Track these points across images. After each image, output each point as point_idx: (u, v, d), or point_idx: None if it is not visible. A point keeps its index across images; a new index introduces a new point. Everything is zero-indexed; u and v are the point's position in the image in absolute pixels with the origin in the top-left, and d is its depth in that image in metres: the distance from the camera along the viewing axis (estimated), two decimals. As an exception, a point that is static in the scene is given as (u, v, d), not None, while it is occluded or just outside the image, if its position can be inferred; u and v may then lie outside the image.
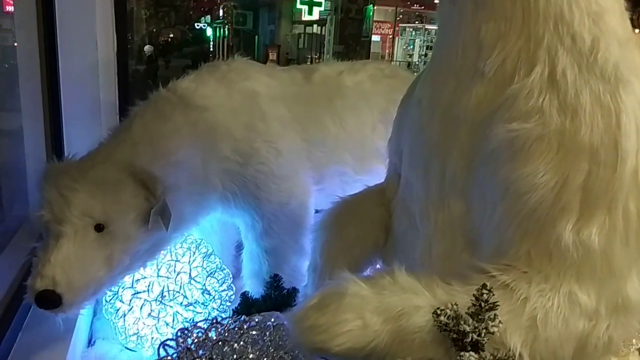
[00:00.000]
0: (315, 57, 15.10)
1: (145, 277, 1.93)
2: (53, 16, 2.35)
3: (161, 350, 1.30)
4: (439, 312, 0.95)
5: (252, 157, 1.99)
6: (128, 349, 1.99)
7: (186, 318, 1.91)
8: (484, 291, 0.95)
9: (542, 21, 1.04)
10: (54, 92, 2.40)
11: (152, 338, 1.92)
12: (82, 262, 1.51)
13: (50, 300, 1.46)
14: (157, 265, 1.94)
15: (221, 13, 21.95)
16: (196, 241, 2.05)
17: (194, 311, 1.93)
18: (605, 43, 1.03)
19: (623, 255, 1.02)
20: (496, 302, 0.95)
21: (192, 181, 1.86)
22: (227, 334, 1.23)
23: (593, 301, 1.01)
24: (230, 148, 1.96)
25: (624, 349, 1.31)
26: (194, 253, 2.01)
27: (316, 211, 2.16)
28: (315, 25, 16.10)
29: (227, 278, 2.06)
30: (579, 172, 0.99)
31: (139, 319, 1.92)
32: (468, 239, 1.18)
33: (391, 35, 16.01)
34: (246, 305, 1.84)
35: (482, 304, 0.95)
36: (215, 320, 1.31)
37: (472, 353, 0.92)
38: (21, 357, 1.63)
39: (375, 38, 14.71)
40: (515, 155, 1.03)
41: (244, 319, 1.30)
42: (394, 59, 15.51)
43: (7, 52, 2.55)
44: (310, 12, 15.01)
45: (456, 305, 0.96)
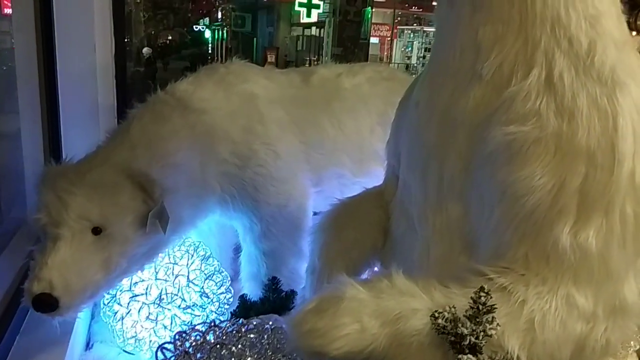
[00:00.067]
0: (314, 59, 15.11)
1: (143, 280, 1.93)
2: (51, 18, 2.35)
3: (159, 353, 1.30)
4: (436, 314, 0.95)
5: (250, 160, 1.99)
6: (126, 352, 1.99)
7: (184, 321, 1.91)
8: (482, 294, 0.94)
9: (539, 24, 1.04)
10: (52, 94, 2.40)
11: (150, 341, 1.92)
12: (79, 265, 1.51)
13: (47, 304, 1.46)
14: (155, 268, 1.94)
15: (219, 15, 21.99)
16: (194, 244, 2.05)
17: (192, 314, 1.93)
18: (602, 46, 1.03)
19: (620, 258, 1.02)
20: (494, 304, 0.95)
21: (190, 184, 1.86)
22: (225, 337, 1.23)
23: (590, 304, 1.01)
24: (229, 150, 1.96)
25: (621, 351, 1.31)
26: (192, 256, 2.01)
27: (314, 213, 2.16)
28: (313, 27, 16.12)
29: (225, 281, 2.06)
30: (576, 175, 0.99)
31: (137, 322, 1.92)
32: (466, 242, 1.18)
33: (389, 38, 16.02)
34: (244, 308, 1.84)
35: (480, 306, 0.95)
36: (213, 324, 1.31)
37: (470, 356, 0.92)
38: (19, 360, 1.63)
39: (373, 40, 14.71)
40: (513, 158, 1.03)
41: (242, 322, 1.30)
42: (392, 61, 15.52)
43: (5, 54, 2.55)
44: (309, 15, 15.02)
45: (454, 308, 0.95)
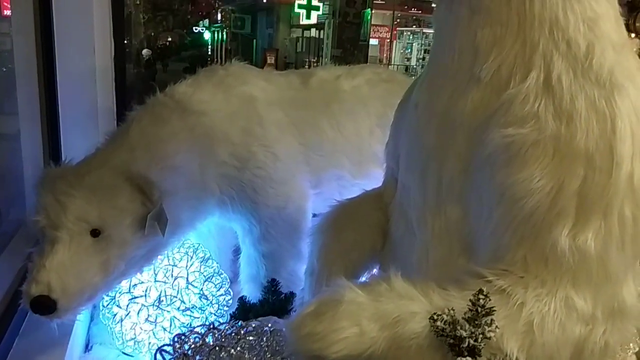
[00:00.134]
0: (313, 60, 15.12)
1: (142, 282, 1.93)
2: (51, 20, 2.35)
3: (158, 355, 1.30)
4: (435, 317, 0.95)
5: (249, 162, 1.99)
6: (125, 354, 1.99)
7: (183, 323, 1.91)
8: (481, 296, 0.94)
9: (538, 26, 1.04)
10: (52, 96, 2.40)
11: (149, 343, 1.91)
12: (77, 267, 1.51)
13: (45, 306, 1.46)
14: (155, 270, 1.94)
15: (219, 17, 22.02)
16: (194, 246, 2.05)
17: (191, 316, 1.93)
18: (600, 48, 1.03)
19: (619, 260, 1.02)
20: (493, 307, 0.95)
21: (190, 186, 1.86)
22: (224, 340, 1.23)
23: (589, 306, 1.01)
24: (228, 152, 1.96)
25: (620, 353, 1.31)
26: (192, 258, 2.01)
27: (314, 215, 2.16)
28: (313, 29, 16.14)
29: (224, 283, 2.06)
30: (574, 177, 0.99)
31: (136, 324, 1.92)
32: (465, 244, 1.18)
33: (389, 39, 16.04)
34: (244, 310, 1.84)
35: (479, 309, 0.95)
36: (212, 326, 1.31)
37: (469, 358, 0.92)
38: (18, 362, 1.63)
39: (373, 42, 14.73)
40: (511, 161, 1.03)
41: (241, 324, 1.30)
42: (392, 62, 15.53)
43: (4, 56, 2.55)
44: (308, 16, 15.04)
45: (453, 310, 0.95)
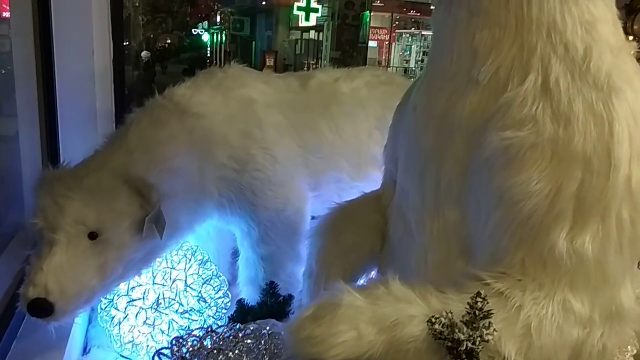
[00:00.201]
0: (312, 62, 15.14)
1: (140, 285, 1.93)
2: (49, 22, 2.35)
3: (156, 358, 1.29)
4: (433, 320, 0.95)
5: (248, 164, 1.99)
6: (123, 357, 1.99)
7: (182, 326, 1.91)
8: (479, 299, 0.94)
9: (535, 29, 1.04)
10: (50, 98, 2.40)
11: (147, 346, 1.91)
12: (74, 270, 1.51)
13: (42, 309, 1.46)
14: (153, 273, 1.94)
15: (218, 19, 22.05)
16: (192, 248, 2.05)
17: (189, 319, 1.93)
18: (598, 51, 1.03)
19: (617, 263, 1.02)
20: (490, 310, 0.94)
21: (188, 188, 1.86)
22: (222, 343, 1.23)
23: (587, 309, 1.01)
24: (227, 155, 1.97)
25: (618, 356, 1.30)
26: (190, 260, 2.01)
27: (312, 217, 2.16)
28: (312, 31, 16.16)
29: (223, 285, 2.05)
30: (572, 180, 0.99)
31: (134, 327, 1.91)
32: (463, 246, 1.18)
33: (388, 41, 16.06)
34: (242, 313, 1.83)
35: (477, 312, 0.94)
36: (210, 329, 1.31)
37: (467, 361, 0.92)
38: (15, 365, 1.63)
39: (372, 44, 14.75)
40: (509, 163, 1.03)
41: (239, 327, 1.30)
42: (391, 64, 15.56)
43: (3, 57, 2.54)
44: (307, 18, 15.08)
45: (451, 313, 0.95)
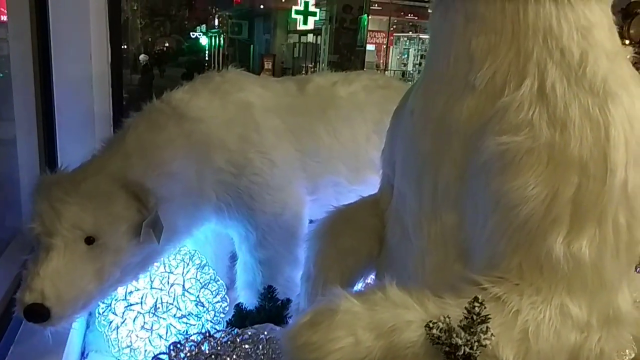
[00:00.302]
0: (310, 66, 15.16)
1: (138, 289, 1.93)
2: (47, 26, 2.35)
3: (153, 364, 1.29)
4: (431, 325, 0.95)
5: (246, 168, 1.99)
6: (121, 361, 1.98)
7: (180, 330, 1.90)
8: (476, 304, 0.94)
9: (532, 35, 1.05)
10: (48, 102, 2.40)
11: (145, 351, 1.90)
12: (71, 275, 1.51)
13: (39, 314, 1.46)
14: (151, 277, 1.94)
15: (216, 22, 22.08)
16: (190, 252, 2.05)
17: (187, 323, 1.92)
18: (594, 57, 1.04)
19: (614, 268, 1.02)
20: (488, 314, 0.95)
21: (186, 192, 1.86)
22: (219, 348, 1.22)
23: (584, 313, 1.01)
24: (224, 159, 1.97)
25: (617, 359, 1.31)
26: (188, 264, 2.01)
27: (310, 221, 2.16)
28: (310, 34, 16.19)
29: (221, 289, 2.05)
30: (568, 184, 1.00)
31: (132, 332, 1.91)
32: (461, 250, 1.18)
33: (385, 45, 16.09)
34: (240, 317, 1.83)
35: (474, 316, 0.95)
36: (208, 334, 1.31)
37: (465, 366, 0.92)
38: (13, 370, 1.63)
39: (369, 47, 14.79)
40: (506, 168, 1.03)
41: (237, 332, 1.30)
42: (389, 68, 15.58)
43: (1, 61, 2.54)
44: (305, 22, 15.09)
45: (448, 318, 0.95)
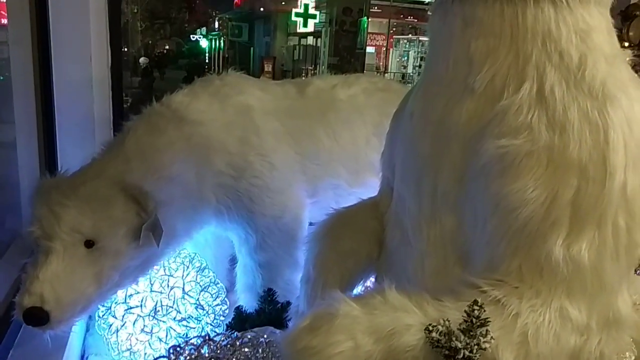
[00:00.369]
0: (310, 68, 15.18)
1: (138, 292, 1.93)
2: (47, 29, 2.36)
3: (153, 367, 1.29)
4: (430, 328, 0.95)
5: (245, 171, 1.99)
6: (121, 364, 1.98)
7: (179, 333, 1.90)
8: (475, 307, 0.94)
9: (531, 38, 1.05)
10: (48, 105, 2.40)
11: (145, 354, 1.90)
12: (70, 278, 1.51)
13: (38, 318, 1.46)
14: (151, 280, 1.93)
15: (217, 25, 22.12)
16: (190, 255, 2.05)
17: (187, 326, 1.92)
18: (593, 60, 1.04)
19: (613, 270, 1.02)
20: (487, 318, 0.94)
21: (186, 195, 1.86)
22: (219, 351, 1.22)
23: (584, 316, 1.01)
24: (224, 162, 1.97)
25: (617, 362, 1.30)
26: (188, 267, 2.01)
27: (310, 224, 2.16)
28: (310, 37, 16.22)
29: (220, 292, 2.05)
30: (568, 187, 1.00)
31: (132, 335, 1.91)
32: (460, 253, 1.18)
33: (385, 47, 16.10)
34: (240, 320, 1.83)
35: (474, 320, 0.94)
36: (207, 337, 1.31)
37: (464, 369, 0.92)
38: (13, 373, 1.62)
39: (369, 50, 14.81)
40: (505, 171, 1.03)
41: (237, 335, 1.30)
42: (389, 70, 15.59)
43: (1, 64, 2.55)
44: (305, 25, 15.13)
45: (448, 321, 0.95)
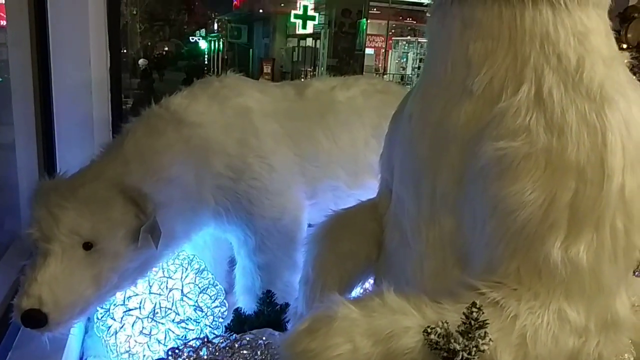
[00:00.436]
0: (310, 70, 15.17)
1: (137, 294, 1.92)
2: (46, 31, 2.36)
3: (152, 369, 1.29)
4: (429, 330, 0.95)
5: (244, 173, 2.00)
6: (119, 366, 1.98)
7: (178, 335, 1.90)
8: (474, 309, 0.94)
9: (529, 40, 1.05)
10: (47, 107, 2.40)
11: (144, 356, 1.90)
12: (69, 280, 1.51)
13: (36, 320, 1.46)
14: (149, 282, 1.93)
15: (216, 27, 22.13)
16: (189, 257, 2.05)
17: (186, 328, 1.92)
18: (591, 62, 1.04)
19: (611, 272, 1.02)
20: (486, 320, 0.95)
21: (185, 197, 1.86)
22: (218, 353, 1.22)
23: (582, 318, 1.01)
24: (223, 164, 1.97)
25: (615, 364, 1.30)
26: (187, 269, 2.01)
27: (309, 225, 2.16)
28: (309, 38, 16.22)
29: (219, 294, 2.05)
30: (566, 189, 1.00)
31: (131, 337, 1.90)
32: (459, 255, 1.18)
33: (384, 49, 16.10)
34: (239, 322, 1.83)
35: (472, 322, 0.95)
36: (206, 339, 1.31)
37: (463, 371, 0.92)
38: (11, 376, 1.62)
39: (368, 51, 14.80)
40: (504, 173, 1.03)
41: (236, 337, 1.30)
42: (388, 72, 15.59)
43: (1, 66, 2.55)
44: (304, 26, 15.12)
45: (447, 323, 0.95)
